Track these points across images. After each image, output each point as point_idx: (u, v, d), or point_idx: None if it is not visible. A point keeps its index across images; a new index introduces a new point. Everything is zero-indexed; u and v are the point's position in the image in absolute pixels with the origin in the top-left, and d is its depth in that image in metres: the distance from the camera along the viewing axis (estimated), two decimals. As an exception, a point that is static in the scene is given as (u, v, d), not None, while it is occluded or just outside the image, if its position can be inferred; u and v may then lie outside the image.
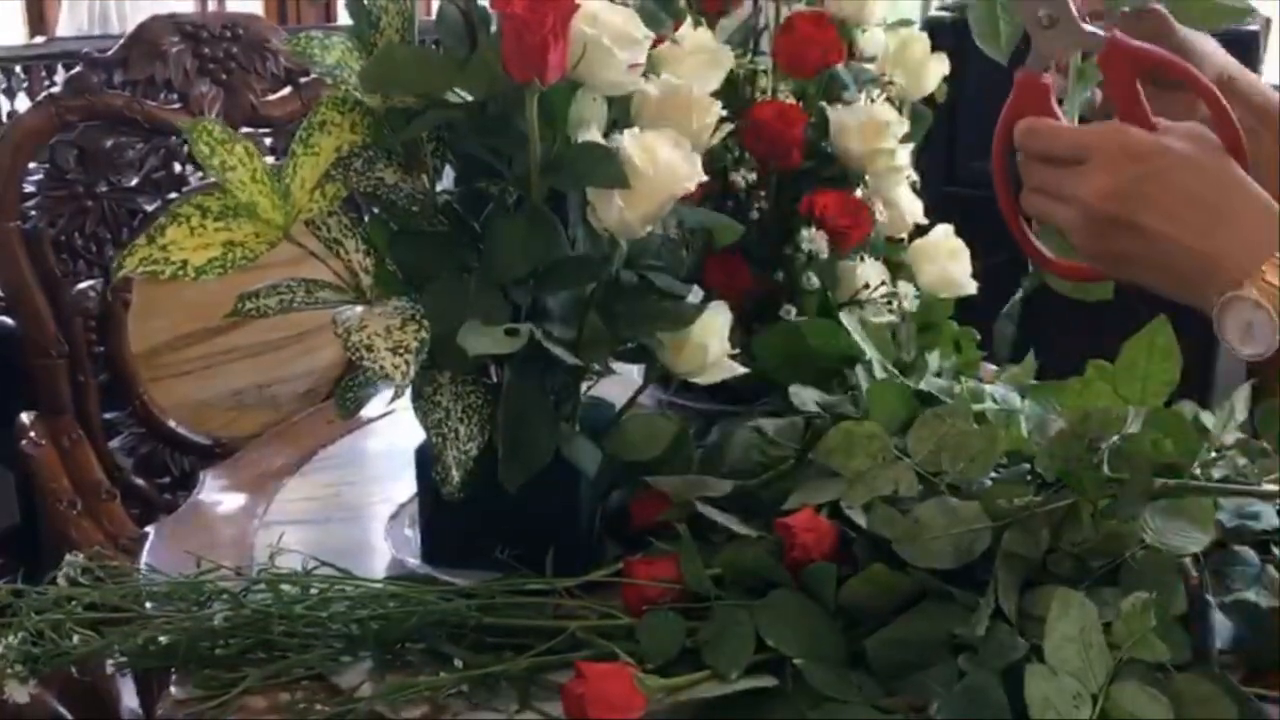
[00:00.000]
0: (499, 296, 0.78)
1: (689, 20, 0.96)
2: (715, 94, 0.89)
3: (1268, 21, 2.60)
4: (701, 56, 0.91)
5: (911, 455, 0.82)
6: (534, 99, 0.72)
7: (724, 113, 0.90)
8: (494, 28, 0.80)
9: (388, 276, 0.79)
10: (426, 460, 0.85)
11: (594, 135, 0.78)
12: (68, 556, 0.84)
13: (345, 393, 0.80)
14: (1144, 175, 0.70)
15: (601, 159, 0.74)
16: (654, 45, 0.82)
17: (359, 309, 0.75)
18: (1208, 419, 0.90)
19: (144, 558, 0.88)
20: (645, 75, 0.82)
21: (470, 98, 0.78)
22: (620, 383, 0.95)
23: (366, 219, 0.83)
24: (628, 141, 0.75)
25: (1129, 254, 0.71)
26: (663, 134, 0.77)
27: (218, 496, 1.02)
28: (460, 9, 0.78)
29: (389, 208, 0.78)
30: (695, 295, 0.86)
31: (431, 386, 0.77)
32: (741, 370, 0.88)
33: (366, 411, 1.13)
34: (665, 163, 0.75)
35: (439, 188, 0.84)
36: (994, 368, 1.19)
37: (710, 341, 0.84)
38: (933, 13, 2.73)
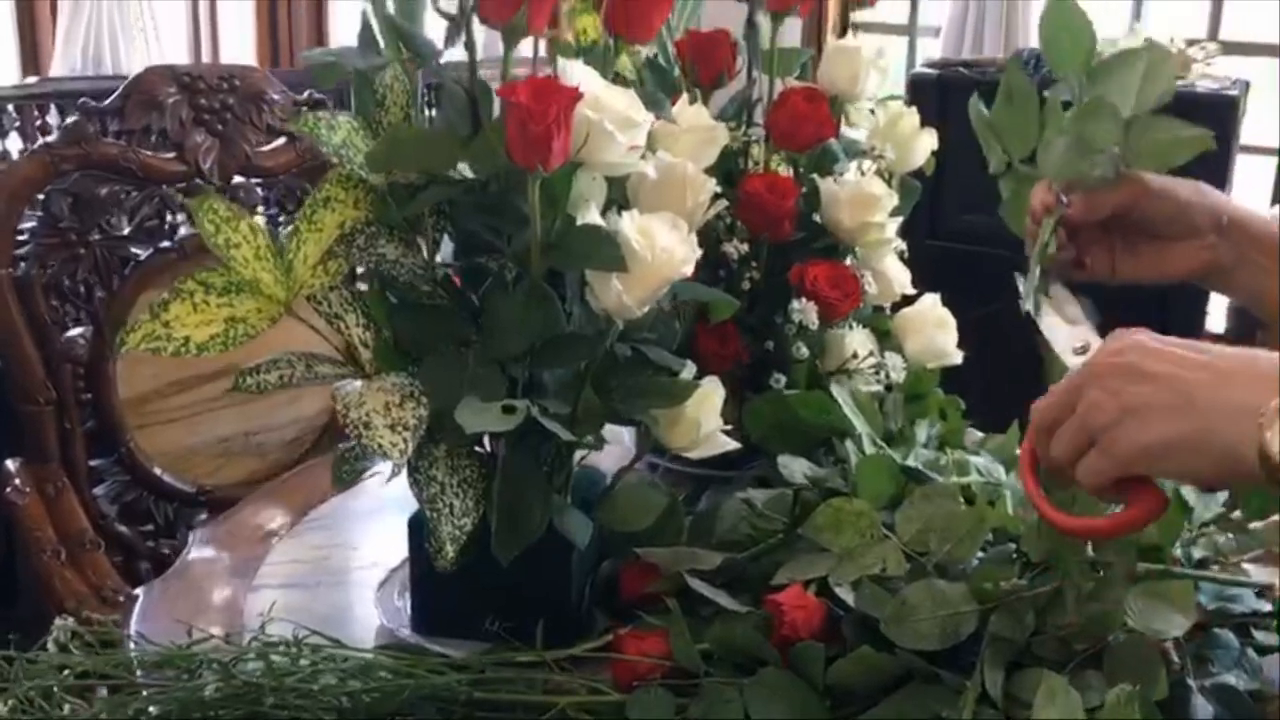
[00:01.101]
0: (496, 372, 0.79)
1: (685, 97, 0.98)
2: (709, 166, 0.91)
3: (1247, 85, 2.65)
4: (697, 135, 0.93)
5: (899, 534, 0.83)
6: (536, 184, 0.74)
7: (718, 189, 0.92)
8: (496, 105, 0.81)
9: (386, 350, 0.80)
10: (419, 530, 0.85)
11: (593, 214, 0.79)
12: (57, 620, 0.84)
13: (342, 464, 0.80)
14: (1136, 340, 0.67)
15: (601, 243, 0.75)
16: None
17: (358, 383, 0.76)
18: (1189, 494, 0.91)
19: (134, 623, 0.88)
20: (643, 153, 0.83)
21: (472, 174, 0.80)
22: (611, 440, 0.95)
23: (366, 288, 0.84)
24: (626, 225, 0.76)
25: (1149, 403, 0.64)
26: (661, 217, 0.78)
27: (207, 557, 1.02)
28: (464, 89, 0.79)
29: (390, 283, 0.79)
30: (688, 370, 0.87)
31: (428, 460, 0.78)
32: (734, 445, 0.89)
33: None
34: (663, 247, 0.77)
35: (439, 257, 0.86)
36: (979, 434, 1.21)
37: (704, 417, 0.85)
38: (917, 69, 2.77)
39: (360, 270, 0.82)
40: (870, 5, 1.08)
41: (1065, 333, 0.81)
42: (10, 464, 1.47)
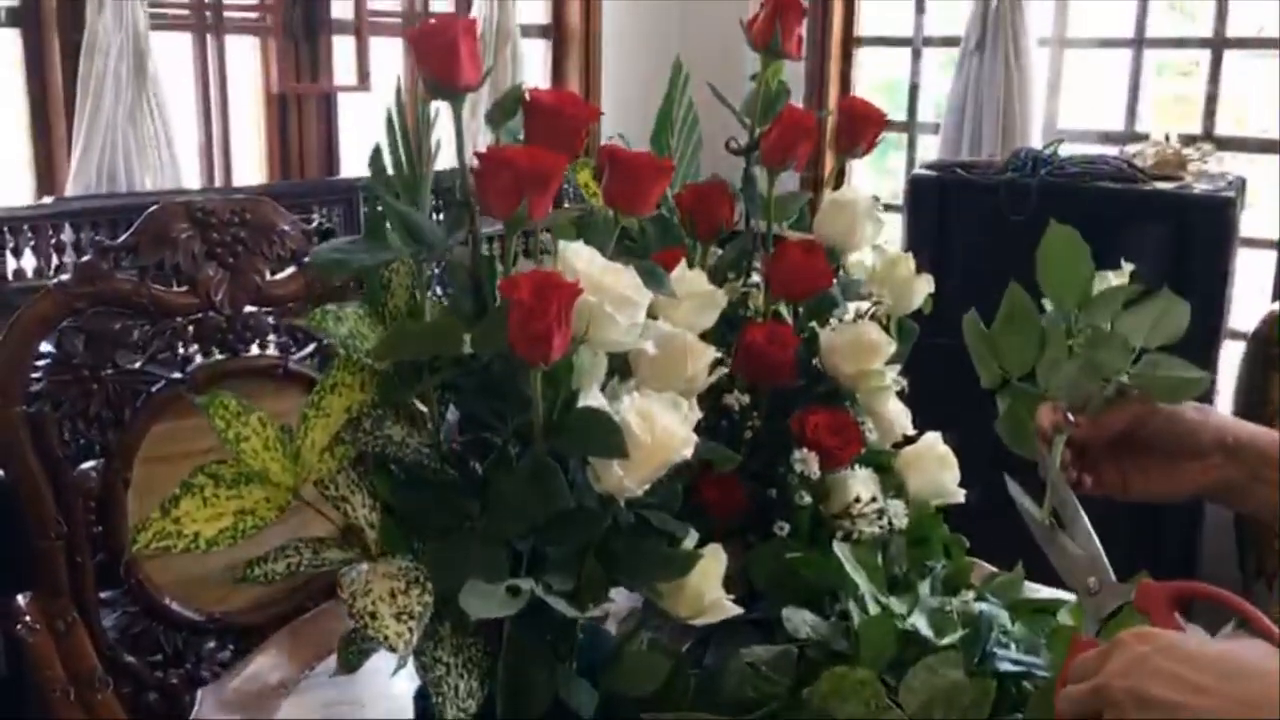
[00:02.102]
0: (500, 550, 0.80)
1: (683, 263, 1.00)
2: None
3: (1243, 182, 2.68)
4: (696, 300, 0.95)
5: (904, 706, 0.83)
6: (538, 375, 0.75)
7: (718, 354, 0.93)
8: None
9: (392, 530, 0.81)
10: (424, 700, 0.86)
11: (595, 394, 0.81)
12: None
13: (348, 649, 0.81)
14: (1152, 651, 0.69)
15: (603, 428, 0.77)
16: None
17: (364, 568, 0.77)
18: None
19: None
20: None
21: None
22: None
23: (371, 462, 0.85)
24: (627, 409, 0.78)
25: None
26: (661, 399, 0.80)
27: None
28: (469, 272, 0.81)
29: (395, 462, 0.81)
30: (691, 538, 0.88)
31: (433, 641, 0.79)
32: (737, 610, 0.90)
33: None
34: (663, 429, 0.78)
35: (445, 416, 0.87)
36: (988, 567, 1.21)
37: (707, 587, 0.86)
38: (917, 171, 2.81)
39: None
40: (864, 155, 1.11)
41: (1079, 560, 0.84)
42: (20, 599, 1.47)
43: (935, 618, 0.97)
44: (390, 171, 0.83)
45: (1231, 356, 2.64)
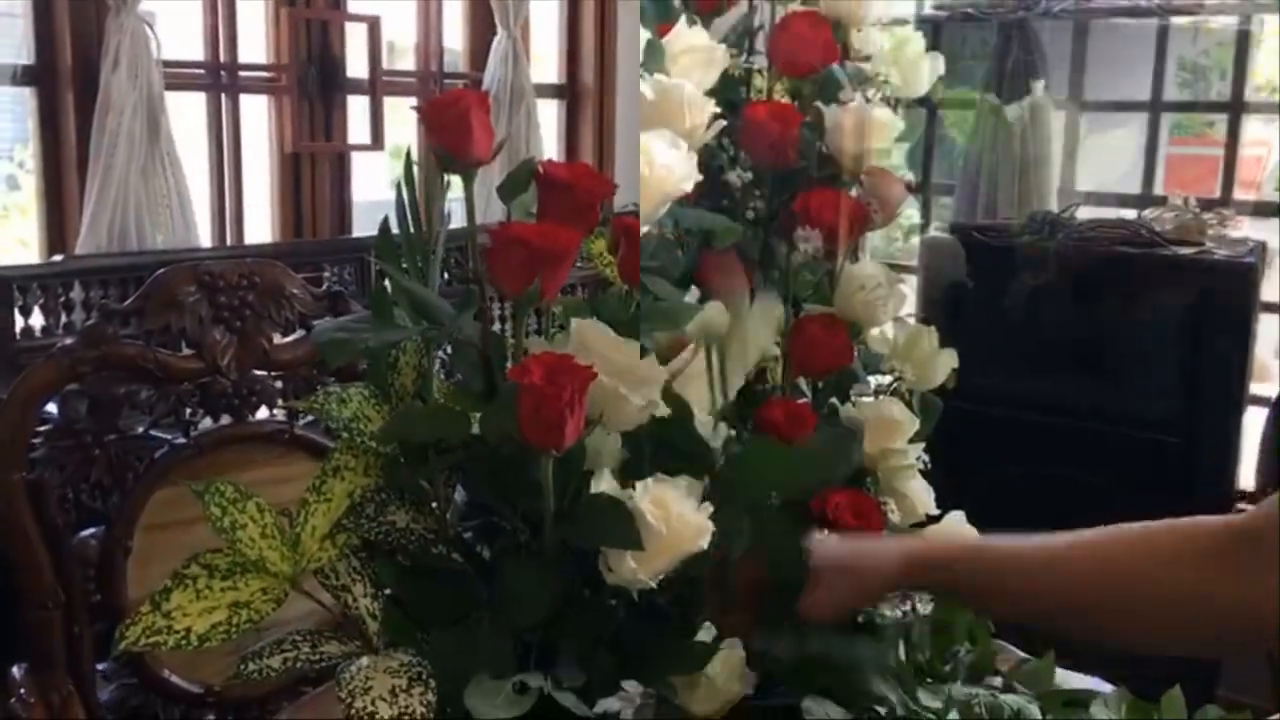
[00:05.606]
0: (508, 642, 0.76)
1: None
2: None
3: (1263, 246, 2.65)
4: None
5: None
6: (549, 463, 0.72)
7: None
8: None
9: (395, 620, 0.77)
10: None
11: (607, 479, 0.77)
12: None
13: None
14: None
15: (617, 519, 0.73)
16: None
17: (364, 662, 0.73)
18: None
19: None
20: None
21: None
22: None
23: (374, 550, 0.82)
24: (640, 496, 0.74)
25: None
26: (677, 486, 0.76)
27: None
28: (478, 350, 0.78)
29: (400, 549, 0.77)
30: (707, 631, 0.84)
31: (436, 741, 0.75)
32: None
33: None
34: (679, 517, 0.74)
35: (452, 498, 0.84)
36: (1017, 652, 1.16)
37: (724, 681, 0.82)
38: (932, 234, 2.79)
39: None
40: (884, 226, 1.08)
41: None
42: (16, 671, 1.43)
43: (965, 713, 0.93)
44: (398, 244, 0.80)
45: (1254, 422, 2.59)
